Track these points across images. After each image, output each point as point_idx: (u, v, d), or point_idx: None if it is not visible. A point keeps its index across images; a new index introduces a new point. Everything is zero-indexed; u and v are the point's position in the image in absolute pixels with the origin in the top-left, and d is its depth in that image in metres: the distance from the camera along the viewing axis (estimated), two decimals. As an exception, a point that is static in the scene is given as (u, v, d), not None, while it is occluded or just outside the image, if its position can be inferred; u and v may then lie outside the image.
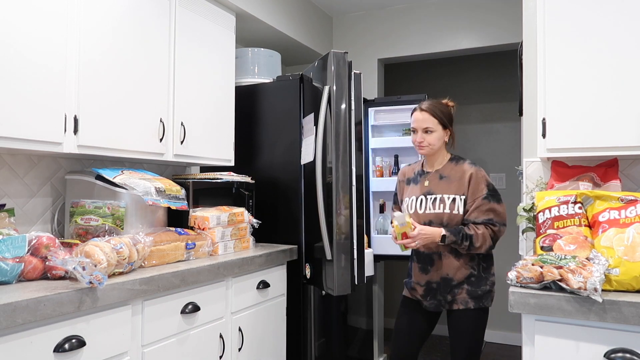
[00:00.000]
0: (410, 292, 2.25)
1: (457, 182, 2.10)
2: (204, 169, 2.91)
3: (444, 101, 2.25)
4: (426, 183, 2.17)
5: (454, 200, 2.08)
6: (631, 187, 2.01)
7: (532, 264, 1.55)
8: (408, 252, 2.23)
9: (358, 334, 3.25)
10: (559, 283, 1.47)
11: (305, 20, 3.56)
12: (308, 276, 2.61)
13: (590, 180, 1.92)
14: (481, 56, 4.27)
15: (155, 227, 2.10)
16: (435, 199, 2.11)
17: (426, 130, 2.14)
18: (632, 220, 1.60)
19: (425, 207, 2.13)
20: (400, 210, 2.28)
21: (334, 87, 2.32)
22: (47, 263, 1.56)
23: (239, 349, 2.22)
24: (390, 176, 3.55)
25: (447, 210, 2.08)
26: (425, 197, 2.14)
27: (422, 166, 2.25)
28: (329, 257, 2.33)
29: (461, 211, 2.07)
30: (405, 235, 2.04)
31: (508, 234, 4.16)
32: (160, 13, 2.27)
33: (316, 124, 2.42)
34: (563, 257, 1.52)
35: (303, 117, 2.72)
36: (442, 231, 2.03)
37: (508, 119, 4.32)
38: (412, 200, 2.18)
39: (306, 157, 2.62)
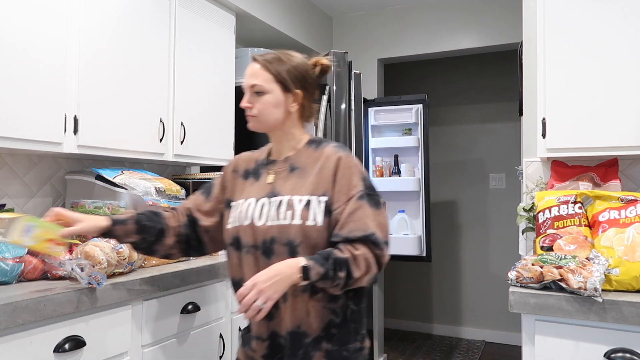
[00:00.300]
0: (244, 353, 1.43)
1: (315, 175, 1.36)
2: (204, 169, 2.91)
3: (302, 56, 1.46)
4: (270, 178, 1.42)
5: (307, 204, 1.32)
6: (631, 187, 2.01)
7: (532, 264, 1.55)
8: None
9: (358, 334, 3.24)
10: (559, 283, 1.47)
11: (305, 20, 3.56)
12: None
13: (590, 180, 1.92)
14: (481, 56, 4.27)
15: (155, 227, 2.09)
16: (280, 202, 1.34)
17: (256, 91, 1.40)
18: (632, 220, 1.60)
19: (267, 218, 1.34)
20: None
21: (334, 87, 2.33)
22: (46, 263, 1.55)
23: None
24: (390, 176, 3.55)
25: (296, 221, 1.30)
26: (269, 200, 1.37)
27: (269, 153, 1.51)
28: None
29: (320, 221, 1.30)
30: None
31: (508, 234, 4.12)
32: (160, 13, 2.27)
33: (316, 124, 2.42)
34: (563, 257, 1.52)
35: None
36: (301, 261, 1.22)
37: (508, 119, 4.32)
38: (249, 205, 1.38)
39: None
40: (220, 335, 2.10)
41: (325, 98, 2.35)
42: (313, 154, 1.41)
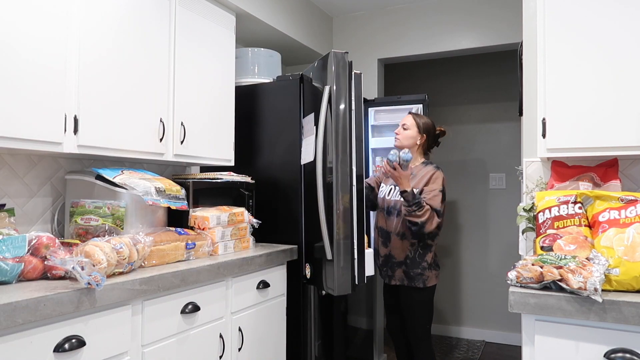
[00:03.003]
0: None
1: (417, 180, 2.57)
2: (204, 169, 2.91)
3: (434, 123, 2.76)
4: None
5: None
6: (631, 187, 2.01)
7: (532, 264, 1.55)
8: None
9: (358, 334, 3.25)
10: (559, 283, 1.47)
11: (305, 20, 3.56)
12: (308, 276, 2.62)
13: (590, 180, 1.92)
14: (481, 56, 4.27)
15: (155, 227, 2.10)
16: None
17: (404, 127, 2.67)
18: (632, 220, 1.60)
19: (393, 195, 2.66)
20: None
21: (334, 87, 2.32)
22: (46, 263, 1.55)
23: (239, 349, 2.22)
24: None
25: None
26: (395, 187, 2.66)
27: None
28: (329, 257, 2.31)
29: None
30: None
31: (508, 234, 4.13)
32: (161, 13, 2.27)
33: (316, 124, 2.41)
34: (563, 257, 1.52)
35: (303, 117, 2.72)
36: (410, 187, 2.46)
37: (508, 119, 4.32)
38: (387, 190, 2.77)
39: (306, 157, 2.62)
40: (220, 335, 2.10)
41: (325, 98, 2.35)
42: (423, 168, 2.63)
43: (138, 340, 1.70)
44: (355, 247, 2.35)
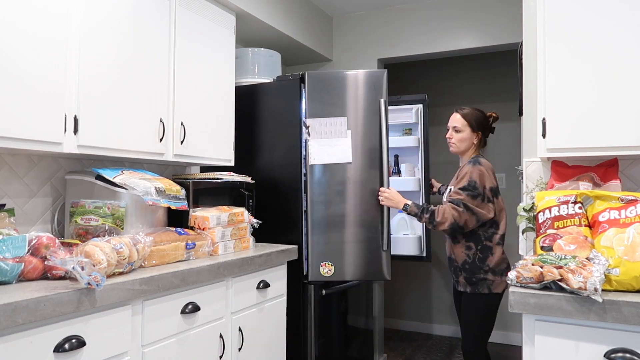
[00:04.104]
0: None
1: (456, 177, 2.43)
2: (204, 169, 2.91)
3: (483, 111, 2.53)
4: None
5: (449, 190, 2.46)
6: (631, 187, 2.01)
7: (532, 264, 1.55)
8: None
9: (358, 334, 3.25)
10: (559, 283, 1.47)
11: (305, 20, 3.56)
12: (328, 274, 2.66)
13: (590, 180, 1.92)
14: (481, 56, 4.27)
15: (155, 227, 2.10)
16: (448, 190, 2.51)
17: (455, 129, 2.47)
18: (632, 220, 1.60)
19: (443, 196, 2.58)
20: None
21: (386, 100, 2.71)
22: (46, 263, 1.55)
23: (239, 349, 2.22)
24: (390, 176, 3.54)
25: (444, 198, 2.47)
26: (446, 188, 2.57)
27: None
28: (384, 247, 2.70)
29: (445, 197, 2.47)
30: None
31: (508, 234, 4.15)
32: (160, 13, 2.27)
33: (349, 127, 2.68)
34: (563, 257, 1.52)
35: (307, 117, 2.71)
36: (405, 201, 2.47)
37: (508, 119, 4.32)
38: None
39: (329, 158, 2.69)
40: (221, 335, 2.10)
41: (383, 108, 2.66)
42: (465, 166, 2.41)
43: (138, 340, 1.70)
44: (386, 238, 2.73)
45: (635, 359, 1.37)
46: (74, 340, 1.45)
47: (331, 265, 2.66)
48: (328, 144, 2.66)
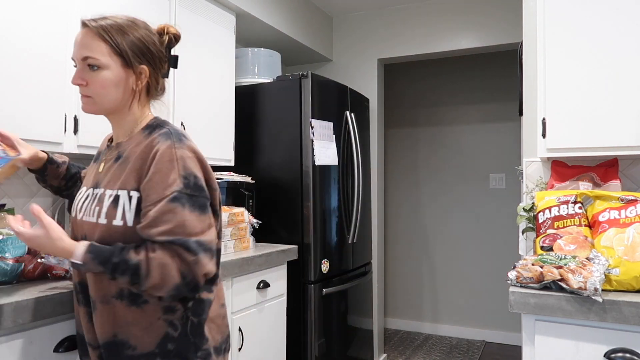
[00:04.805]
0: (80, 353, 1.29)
1: (134, 167, 1.17)
2: (204, 169, 2.91)
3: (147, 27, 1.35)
4: (101, 167, 1.28)
5: (116, 200, 1.15)
6: (631, 187, 2.01)
7: (532, 264, 1.55)
8: None
9: (358, 334, 3.25)
10: (559, 283, 1.47)
11: (305, 20, 3.56)
12: (325, 271, 2.68)
13: (590, 180, 1.92)
14: (481, 56, 4.28)
15: (155, 227, 2.09)
16: (95, 197, 1.20)
17: (89, 64, 1.20)
18: (632, 220, 1.60)
19: (84, 212, 1.21)
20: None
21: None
22: (45, 262, 1.55)
23: (239, 349, 2.22)
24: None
25: (102, 220, 1.15)
26: (93, 191, 1.23)
27: (112, 136, 1.38)
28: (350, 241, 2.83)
29: (130, 221, 1.13)
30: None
31: (508, 234, 4.10)
32: (160, 13, 2.27)
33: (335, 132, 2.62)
34: (563, 257, 1.52)
35: (313, 118, 2.72)
36: (75, 253, 1.09)
37: (508, 119, 4.32)
38: (81, 195, 1.27)
39: (328, 159, 2.73)
40: (220, 335, 2.09)
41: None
42: (143, 141, 1.19)
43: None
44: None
45: (635, 358, 1.37)
46: (74, 340, 1.45)
47: (327, 262, 2.71)
48: (324, 146, 2.69)
